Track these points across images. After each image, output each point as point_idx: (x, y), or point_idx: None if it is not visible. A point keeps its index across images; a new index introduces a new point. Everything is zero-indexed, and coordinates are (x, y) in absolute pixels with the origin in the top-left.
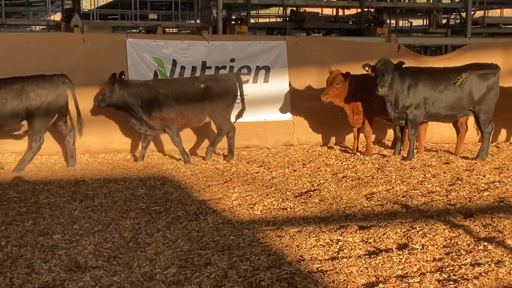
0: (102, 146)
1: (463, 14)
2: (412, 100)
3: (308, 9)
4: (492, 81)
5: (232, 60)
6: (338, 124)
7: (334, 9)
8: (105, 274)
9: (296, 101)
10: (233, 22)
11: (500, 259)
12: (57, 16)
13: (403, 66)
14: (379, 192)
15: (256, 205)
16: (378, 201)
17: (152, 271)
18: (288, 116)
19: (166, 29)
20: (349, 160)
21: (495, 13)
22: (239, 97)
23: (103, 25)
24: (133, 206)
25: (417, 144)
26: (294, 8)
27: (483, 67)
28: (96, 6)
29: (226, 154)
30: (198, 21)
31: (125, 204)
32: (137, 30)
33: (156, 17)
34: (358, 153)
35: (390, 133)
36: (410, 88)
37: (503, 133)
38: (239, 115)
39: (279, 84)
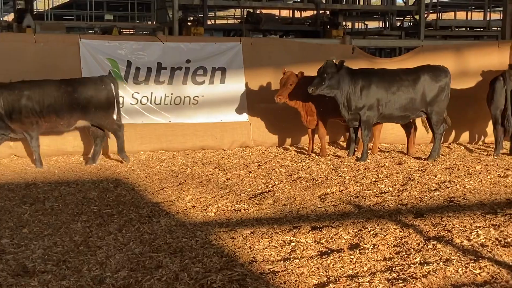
0: (55, 149)
1: (417, 17)
2: (365, 102)
3: (265, 11)
4: (444, 83)
5: (188, 61)
6: (293, 125)
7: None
8: (54, 278)
9: (253, 102)
10: (189, 24)
11: (448, 257)
12: (11, 17)
13: (358, 68)
14: (333, 192)
15: (210, 206)
16: (331, 201)
17: (102, 274)
18: (244, 117)
19: (122, 30)
20: (304, 161)
21: (449, 16)
22: None
23: (56, 25)
24: (84, 209)
25: (371, 145)
26: (251, 10)
27: (433, 69)
28: (50, 7)
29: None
30: (154, 22)
31: (77, 207)
32: (93, 31)
33: (112, 18)
34: (314, 154)
35: (346, 133)
36: (363, 90)
37: (455, 134)
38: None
39: (235, 85)
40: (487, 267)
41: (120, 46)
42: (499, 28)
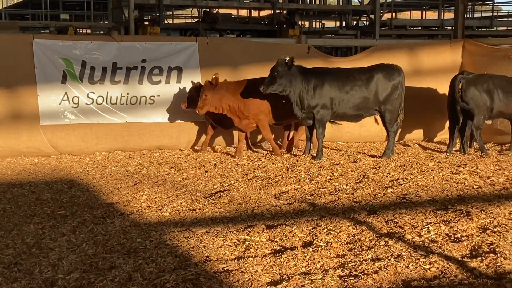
0: (8, 150)
1: (372, 17)
2: (318, 100)
3: (222, 11)
4: (397, 82)
5: (144, 60)
6: None
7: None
8: (4, 281)
9: None
10: (146, 23)
11: (399, 253)
12: None
13: (312, 67)
14: (288, 191)
15: (165, 206)
16: (286, 200)
17: (54, 276)
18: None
19: (78, 30)
20: (260, 160)
21: (404, 15)
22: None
23: (9, 25)
24: (37, 211)
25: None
26: (208, 10)
27: (387, 68)
28: (5, 6)
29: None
30: (110, 22)
31: (30, 208)
32: (48, 31)
33: (68, 17)
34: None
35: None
36: (316, 89)
37: (409, 132)
38: None
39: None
40: (437, 262)
41: (75, 46)
42: (452, 27)
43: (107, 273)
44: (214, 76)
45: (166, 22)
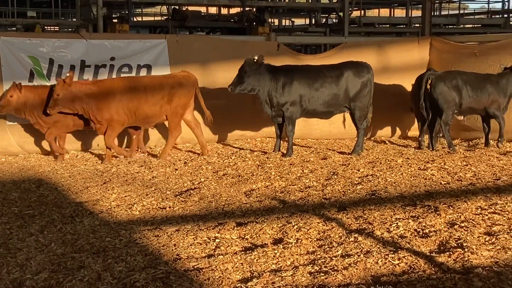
0: None
1: (341, 14)
2: (287, 98)
3: (192, 8)
4: (366, 79)
5: (112, 58)
6: (221, 122)
7: (218, 8)
8: None
9: None
10: (115, 21)
11: (369, 249)
12: None
13: (281, 65)
14: (258, 188)
15: (135, 205)
16: (257, 197)
17: (22, 277)
18: None
19: (46, 27)
20: (231, 158)
21: (373, 13)
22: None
23: None
24: (5, 211)
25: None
26: (177, 7)
27: (356, 65)
28: None
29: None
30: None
31: None
32: (15, 28)
33: (35, 15)
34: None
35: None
36: (285, 86)
37: (378, 129)
38: None
39: None
40: (406, 257)
41: (42, 43)
42: (420, 25)
43: (76, 273)
44: (67, 75)
45: (135, 19)
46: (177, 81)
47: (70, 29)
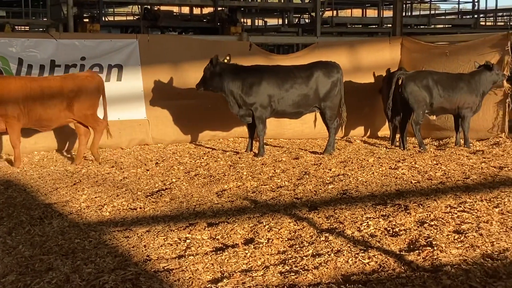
0: None
1: (313, 14)
2: (255, 98)
3: (164, 8)
4: (336, 78)
5: (83, 58)
6: (193, 122)
7: (190, 8)
8: None
9: (151, 100)
10: (86, 20)
11: (339, 248)
12: None
13: (250, 65)
14: (230, 188)
15: (105, 206)
16: (228, 197)
17: None
18: (142, 114)
19: (16, 27)
20: (203, 158)
21: (346, 13)
22: None
23: None
24: None
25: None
26: (149, 7)
27: (326, 65)
28: None
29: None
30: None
31: None
32: None
33: (5, 14)
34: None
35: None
36: (254, 86)
37: (350, 128)
38: None
39: (132, 82)
40: (376, 256)
41: (11, 43)
42: (391, 25)
43: (44, 275)
44: None
45: (106, 19)
46: (78, 84)
47: (40, 29)
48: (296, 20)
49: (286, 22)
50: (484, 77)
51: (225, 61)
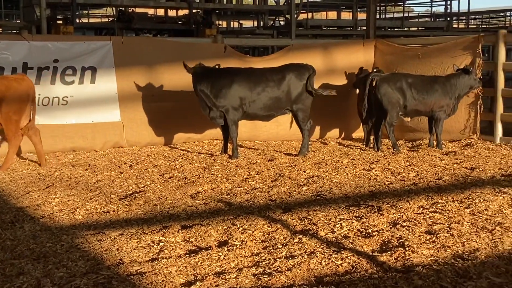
0: None
1: (288, 16)
2: (226, 101)
3: (138, 10)
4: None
5: (56, 60)
6: (167, 125)
7: (165, 10)
8: None
9: (125, 102)
10: (60, 22)
11: (312, 250)
12: None
13: (222, 67)
14: (204, 191)
15: (78, 209)
16: (202, 200)
17: None
18: (116, 117)
19: None
20: (177, 161)
21: (321, 15)
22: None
23: None
24: None
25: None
26: (123, 9)
27: (298, 67)
28: None
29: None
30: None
31: None
32: None
33: None
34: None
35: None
36: (224, 89)
37: (325, 130)
38: None
39: (106, 85)
40: (349, 257)
41: None
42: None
43: (15, 280)
44: None
45: (80, 21)
46: (7, 85)
47: (13, 31)
48: (271, 22)
49: (261, 24)
50: (461, 81)
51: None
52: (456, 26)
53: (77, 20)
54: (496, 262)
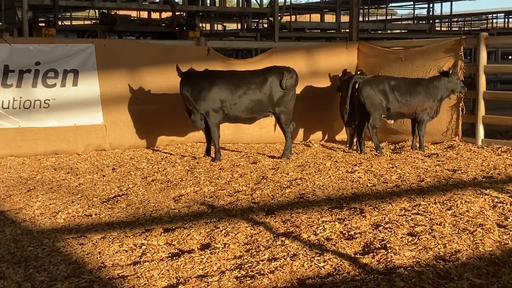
0: None
1: (272, 19)
2: (207, 103)
3: (121, 12)
4: (289, 84)
5: (38, 63)
6: (150, 127)
7: (148, 12)
8: None
9: (108, 105)
10: (42, 24)
11: (295, 252)
12: None
13: (202, 70)
14: (187, 193)
15: (60, 213)
16: (185, 203)
17: None
18: (99, 120)
19: None
20: (160, 163)
21: (305, 18)
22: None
23: None
24: None
25: None
26: (105, 11)
27: (280, 70)
28: None
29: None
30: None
31: None
32: None
33: None
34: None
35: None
36: (204, 91)
37: (308, 132)
38: None
39: (89, 87)
40: (331, 259)
41: None
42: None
43: None
44: None
45: (63, 23)
46: None
47: None
48: (255, 25)
49: (245, 27)
50: (442, 83)
51: None
52: (438, 28)
53: (59, 23)
54: (477, 263)
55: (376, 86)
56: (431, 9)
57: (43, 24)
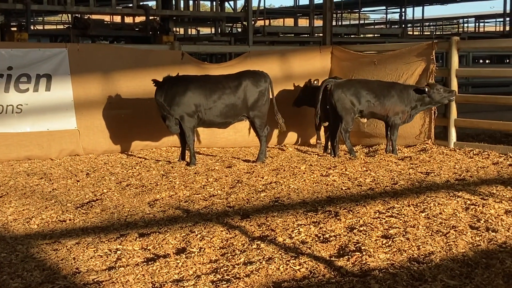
0: None
1: (246, 23)
2: (181, 108)
3: (95, 17)
4: (264, 88)
5: (10, 68)
6: (124, 132)
7: (121, 17)
8: None
9: (81, 110)
10: (14, 29)
11: (271, 256)
12: None
13: (176, 75)
14: (162, 198)
15: (33, 219)
16: (160, 207)
17: None
18: (73, 124)
19: None
20: (135, 168)
21: (278, 22)
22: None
23: None
24: None
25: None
26: (78, 15)
27: (253, 74)
28: None
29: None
30: None
31: None
32: None
33: None
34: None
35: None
36: (178, 96)
37: (283, 136)
38: None
39: (62, 92)
40: (306, 263)
41: None
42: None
43: None
44: None
45: (35, 28)
46: None
47: None
48: (229, 29)
49: (219, 31)
50: (417, 94)
51: None
52: (411, 33)
53: (32, 27)
54: (450, 265)
55: (348, 90)
56: (403, 13)
57: (15, 29)
